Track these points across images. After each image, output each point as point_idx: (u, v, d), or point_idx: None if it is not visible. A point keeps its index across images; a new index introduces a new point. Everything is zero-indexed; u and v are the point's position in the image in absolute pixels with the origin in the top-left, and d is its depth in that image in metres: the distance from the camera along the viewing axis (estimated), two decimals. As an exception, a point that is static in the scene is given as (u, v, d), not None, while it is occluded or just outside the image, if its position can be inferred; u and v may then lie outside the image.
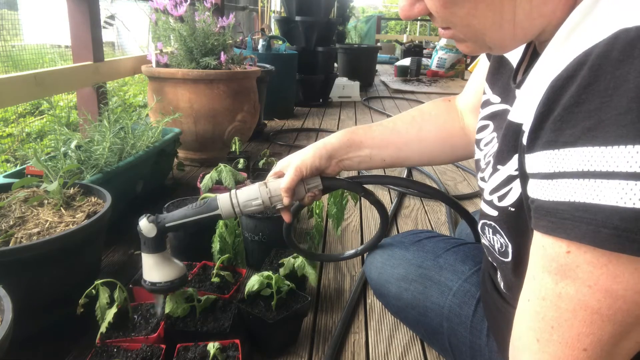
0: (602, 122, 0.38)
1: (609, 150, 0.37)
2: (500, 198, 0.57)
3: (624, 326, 0.41)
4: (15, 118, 3.16)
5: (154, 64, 2.23)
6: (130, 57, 2.50)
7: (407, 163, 0.94)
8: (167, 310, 0.95)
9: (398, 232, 1.71)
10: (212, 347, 0.87)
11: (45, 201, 1.14)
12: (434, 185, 2.17)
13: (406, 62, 6.51)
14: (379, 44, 7.80)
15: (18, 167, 1.43)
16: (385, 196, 2.03)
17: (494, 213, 0.59)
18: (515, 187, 0.54)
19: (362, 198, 1.99)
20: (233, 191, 0.86)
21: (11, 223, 1.05)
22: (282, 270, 1.12)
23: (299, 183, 0.86)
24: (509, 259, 0.58)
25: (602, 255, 0.39)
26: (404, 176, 2.23)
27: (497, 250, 0.61)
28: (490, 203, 0.59)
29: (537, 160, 0.44)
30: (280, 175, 0.88)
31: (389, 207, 1.90)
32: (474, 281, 0.86)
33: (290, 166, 0.86)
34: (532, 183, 0.45)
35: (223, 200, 0.85)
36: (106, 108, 1.70)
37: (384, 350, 1.07)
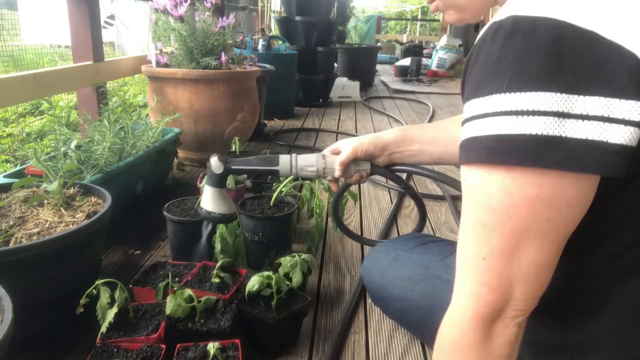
0: (480, 82, 0.51)
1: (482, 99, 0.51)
2: None
3: (516, 234, 0.50)
4: (15, 118, 3.15)
5: (154, 64, 2.23)
6: (130, 57, 2.50)
7: (454, 160, 0.96)
8: (167, 312, 0.95)
9: (398, 232, 1.71)
10: (212, 347, 0.87)
11: (45, 201, 1.14)
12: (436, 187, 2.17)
13: (406, 62, 6.51)
14: (379, 44, 7.80)
15: (18, 167, 1.43)
16: (385, 196, 2.03)
17: None
18: None
19: (361, 198, 1.99)
20: (294, 155, 0.99)
21: (11, 223, 1.05)
22: (281, 270, 1.12)
23: (351, 162, 0.98)
24: None
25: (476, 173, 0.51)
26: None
27: None
28: None
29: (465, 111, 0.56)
30: (336, 152, 1.01)
31: (389, 207, 1.90)
32: None
33: (348, 146, 0.99)
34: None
35: (283, 159, 0.98)
36: (106, 108, 1.70)
37: (384, 351, 1.07)
